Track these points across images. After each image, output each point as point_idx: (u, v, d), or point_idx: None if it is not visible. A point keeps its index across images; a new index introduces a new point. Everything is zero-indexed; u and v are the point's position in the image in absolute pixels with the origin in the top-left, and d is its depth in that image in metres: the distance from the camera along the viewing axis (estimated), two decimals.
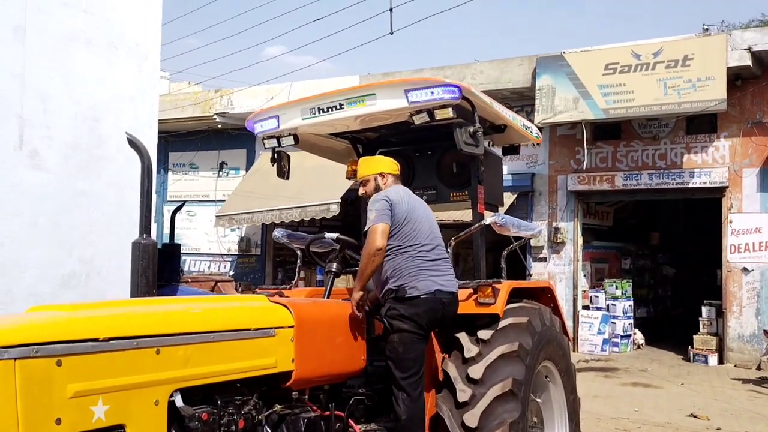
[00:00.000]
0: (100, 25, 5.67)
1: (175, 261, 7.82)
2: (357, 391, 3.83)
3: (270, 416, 3.21)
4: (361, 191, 4.18)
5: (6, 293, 4.96)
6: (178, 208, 8.28)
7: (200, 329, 2.88)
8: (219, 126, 15.53)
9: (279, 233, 4.82)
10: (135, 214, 3.74)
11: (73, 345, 2.36)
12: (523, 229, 4.83)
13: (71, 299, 5.12)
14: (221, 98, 15.30)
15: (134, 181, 3.96)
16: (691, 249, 16.54)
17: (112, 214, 5.61)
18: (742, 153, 11.54)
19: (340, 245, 4.25)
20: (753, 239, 11.36)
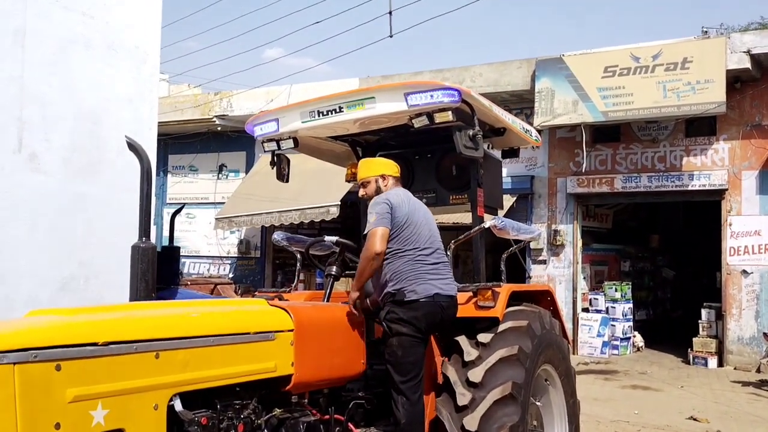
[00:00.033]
0: (100, 28, 5.66)
1: (175, 264, 7.83)
2: (356, 395, 3.83)
3: (269, 420, 3.21)
4: (362, 193, 4.16)
5: (5, 296, 4.95)
6: (178, 211, 8.28)
7: (199, 333, 2.87)
8: (218, 128, 15.51)
9: (278, 236, 4.81)
10: (134, 218, 3.73)
11: (72, 349, 2.36)
12: (523, 232, 4.82)
13: (70, 303, 5.11)
14: (221, 101, 15.29)
15: (134, 184, 3.95)
16: (691, 251, 16.53)
17: (112, 218, 5.60)
18: (742, 156, 11.54)
19: (340, 248, 4.24)
20: (752, 242, 11.36)
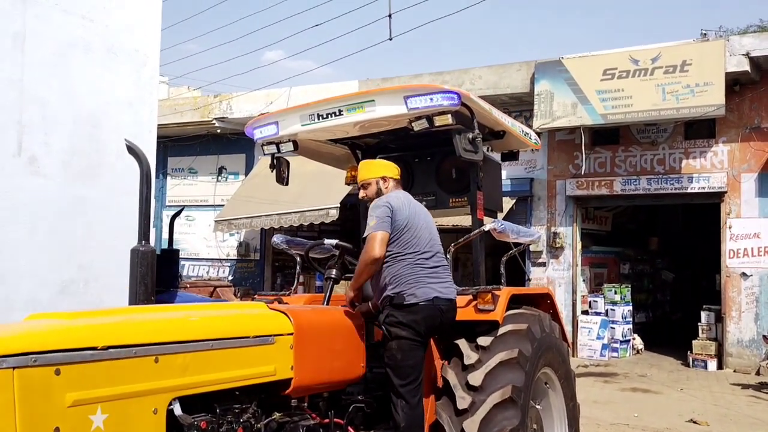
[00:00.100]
0: (99, 32, 5.66)
1: (174, 266, 7.81)
2: (356, 398, 3.82)
3: (269, 424, 3.20)
4: (362, 194, 4.14)
5: (4, 299, 4.95)
6: (177, 214, 8.26)
7: (199, 337, 2.87)
8: (218, 131, 15.51)
9: (278, 239, 4.81)
10: (134, 221, 3.73)
11: (72, 354, 2.36)
12: (523, 236, 4.83)
13: (70, 306, 5.11)
14: (220, 103, 15.28)
15: (133, 188, 3.95)
16: (690, 254, 16.53)
17: (111, 221, 5.60)
18: (741, 158, 11.55)
19: (340, 251, 4.24)
20: (752, 244, 11.37)
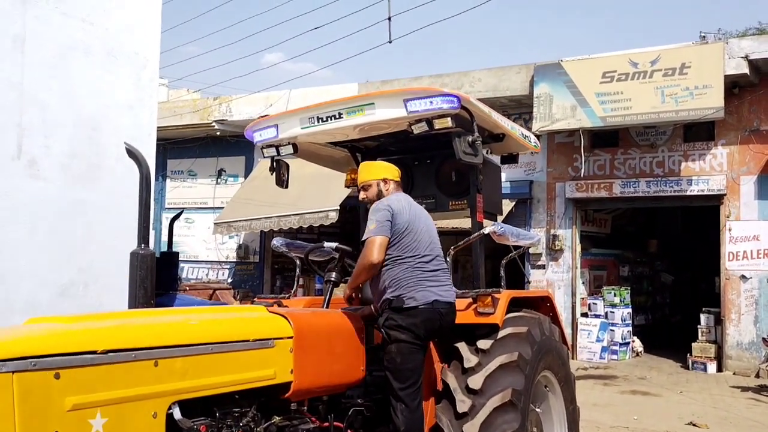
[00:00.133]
0: (99, 35, 5.67)
1: (173, 269, 7.82)
2: (356, 402, 3.82)
3: (269, 428, 3.19)
4: (362, 196, 4.13)
5: (4, 301, 4.95)
6: (176, 217, 8.27)
7: (198, 341, 2.87)
8: (217, 133, 15.52)
9: (278, 242, 4.80)
10: (133, 224, 3.74)
11: (72, 358, 2.35)
12: (522, 238, 4.82)
13: (69, 309, 5.11)
14: (220, 105, 15.29)
15: (133, 190, 3.96)
16: (689, 256, 16.54)
17: (111, 224, 5.60)
18: (740, 161, 11.56)
19: (339, 254, 4.23)
20: (751, 247, 11.37)
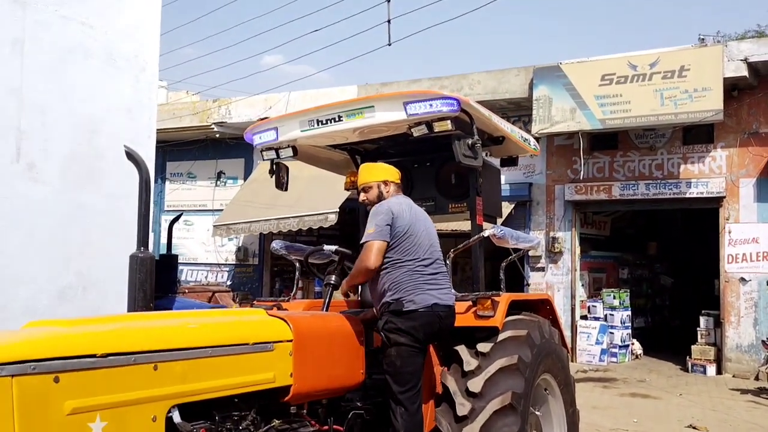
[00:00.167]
0: (98, 38, 5.67)
1: (173, 272, 7.82)
2: (355, 405, 3.81)
3: (268, 431, 3.19)
4: (362, 198, 4.13)
5: (3, 305, 4.94)
6: (176, 219, 8.27)
7: (198, 344, 2.86)
8: (217, 135, 15.52)
9: (277, 245, 4.79)
10: (132, 227, 3.72)
11: (71, 361, 2.35)
12: (522, 241, 4.82)
13: (68, 312, 5.10)
14: (219, 108, 15.30)
15: (132, 194, 3.95)
16: (689, 259, 16.53)
17: (110, 227, 5.59)
18: (739, 163, 11.56)
19: (339, 257, 4.23)
20: (750, 249, 11.37)
